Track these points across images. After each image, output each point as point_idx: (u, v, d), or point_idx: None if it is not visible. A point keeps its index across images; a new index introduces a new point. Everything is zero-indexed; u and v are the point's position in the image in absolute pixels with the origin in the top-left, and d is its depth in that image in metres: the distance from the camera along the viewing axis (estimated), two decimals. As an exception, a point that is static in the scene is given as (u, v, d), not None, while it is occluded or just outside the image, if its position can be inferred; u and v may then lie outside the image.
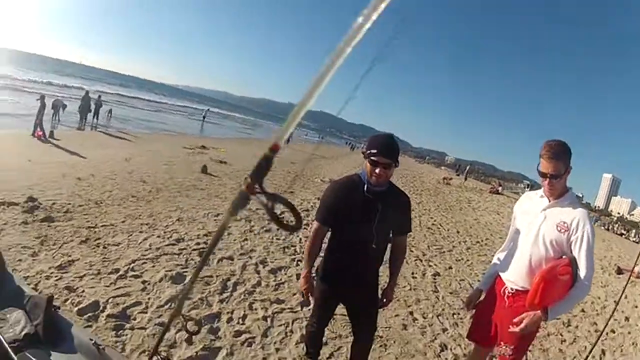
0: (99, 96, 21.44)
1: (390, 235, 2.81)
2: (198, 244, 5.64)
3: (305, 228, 6.61)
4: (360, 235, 2.62)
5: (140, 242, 5.24)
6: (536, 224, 2.58)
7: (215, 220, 6.97)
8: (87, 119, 19.51)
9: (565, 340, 5.12)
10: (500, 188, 35.09)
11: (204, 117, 44.27)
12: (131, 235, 5.44)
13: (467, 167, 48.89)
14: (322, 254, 2.89)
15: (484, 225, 14.59)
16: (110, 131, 19.27)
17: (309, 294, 2.85)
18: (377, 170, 2.54)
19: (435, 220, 12.53)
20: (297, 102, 0.69)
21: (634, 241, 42.86)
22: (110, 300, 3.64)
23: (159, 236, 5.61)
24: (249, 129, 57.12)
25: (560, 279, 2.40)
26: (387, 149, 2.56)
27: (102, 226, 5.54)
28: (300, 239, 6.83)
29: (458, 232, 11.65)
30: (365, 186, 2.60)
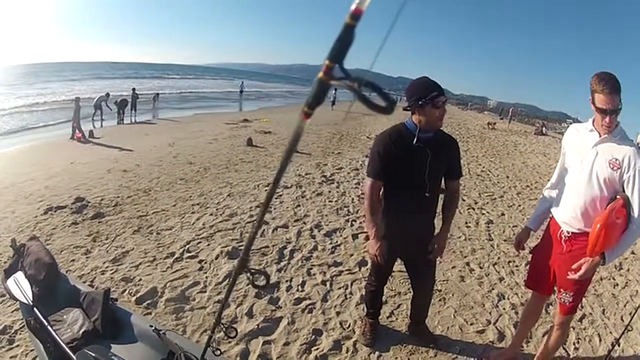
0: (134, 89, 21.73)
1: (442, 182, 2.77)
2: (251, 216, 5.65)
3: (355, 187, 6.41)
4: (413, 185, 2.61)
5: (194, 223, 5.26)
6: (588, 161, 2.44)
7: (265, 190, 6.84)
8: (125, 113, 19.81)
9: (617, 284, 4.81)
10: (544, 129, 33.79)
11: (241, 91, 43.48)
12: (183, 217, 5.46)
13: (510, 110, 47.47)
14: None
15: (532, 168, 14.04)
16: (151, 120, 19.65)
17: (382, 255, 2.74)
18: (441, 112, 2.54)
19: (484, 167, 12.23)
20: None
21: None
22: (167, 285, 3.65)
23: (211, 214, 5.61)
24: (289, 96, 56.83)
25: (617, 222, 2.32)
26: (440, 87, 2.53)
27: (153, 213, 5.59)
28: (352, 199, 6.79)
29: (507, 177, 11.32)
30: (416, 135, 2.56)
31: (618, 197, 2.37)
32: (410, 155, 2.58)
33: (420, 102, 2.50)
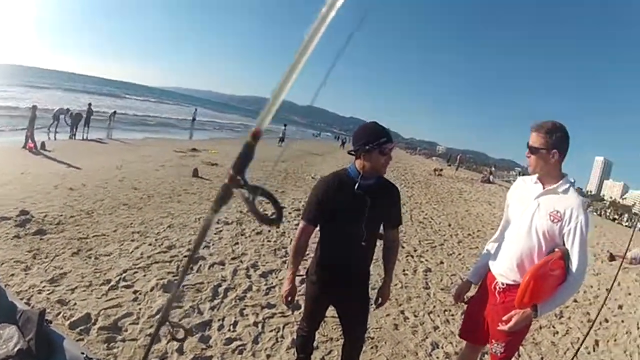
0: (90, 104, 21.35)
1: (381, 230, 2.76)
2: (189, 250, 5.57)
3: (295, 228, 6.58)
4: (350, 233, 2.58)
5: (132, 251, 5.25)
6: (529, 213, 2.49)
7: None
8: (78, 128, 19.43)
9: (557, 332, 5.11)
10: (491, 177, 34.85)
11: (193, 119, 43.95)
12: (122, 244, 5.44)
13: (458, 157, 48.73)
14: (312, 255, 2.86)
15: (476, 216, 14.59)
16: (103, 139, 19.24)
17: (292, 298, 2.73)
18: (387, 159, 2.54)
19: (426, 214, 12.53)
20: (272, 92, 0.68)
21: (626, 226, 42.88)
22: (101, 312, 3.66)
23: (150, 244, 5.62)
24: (240, 128, 56.84)
25: (552, 274, 2.35)
26: (389, 134, 2.54)
27: (93, 236, 5.55)
28: (292, 240, 6.74)
29: (449, 225, 11.64)
30: (358, 182, 2.55)
31: (557, 250, 2.39)
32: (350, 202, 2.55)
33: (367, 147, 2.49)
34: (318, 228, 2.70)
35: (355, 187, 2.53)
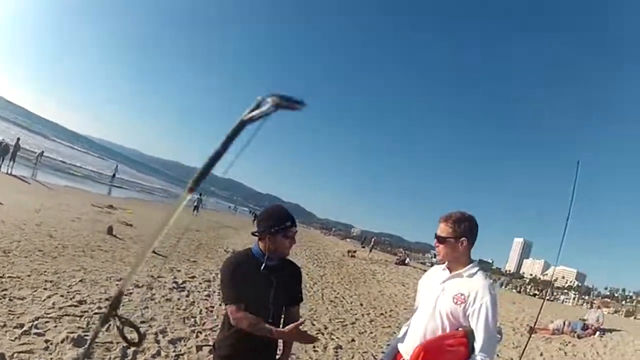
0: (18, 139, 20.73)
1: (284, 308, 2.78)
2: (100, 308, 5.62)
3: (205, 299, 6.74)
4: (257, 312, 2.54)
5: (44, 300, 5.27)
6: (434, 296, 2.58)
7: (117, 285, 6.87)
8: (4, 161, 18.79)
9: None
10: (406, 259, 35.31)
11: (113, 175, 43.56)
12: (36, 290, 5.47)
13: (373, 239, 49.35)
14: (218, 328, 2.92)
15: (389, 297, 14.80)
16: (26, 177, 18.59)
17: (302, 331, 2.60)
18: (290, 242, 2.63)
19: (338, 293, 12.68)
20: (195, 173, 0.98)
21: (548, 299, 44.56)
22: (15, 355, 3.76)
23: (62, 295, 5.64)
24: (158, 193, 56.20)
25: (449, 350, 2.40)
26: (294, 219, 2.65)
27: (8, 277, 5.57)
28: (201, 310, 6.93)
29: (362, 304, 11.81)
30: (264, 262, 2.58)
31: (460, 329, 2.45)
32: (256, 281, 2.57)
33: (272, 230, 2.56)
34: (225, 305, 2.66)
35: (262, 267, 2.58)
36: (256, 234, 2.66)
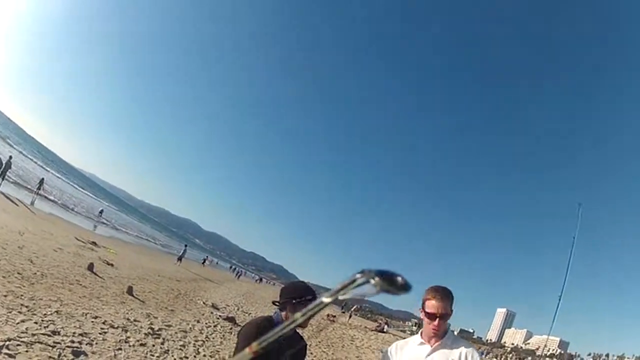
0: (10, 157, 20.75)
1: None
2: (73, 342, 5.45)
3: (180, 348, 6.46)
4: None
5: (18, 323, 5.09)
6: None
7: (92, 322, 6.70)
8: None
9: None
10: (386, 326, 35.61)
11: (100, 212, 44.01)
12: (11, 312, 5.29)
13: (353, 306, 49.58)
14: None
15: None
16: (11, 196, 18.48)
17: None
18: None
19: (315, 356, 12.60)
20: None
21: None
22: None
23: (36, 322, 5.44)
24: (144, 238, 55.99)
25: None
26: (315, 295, 2.68)
27: (-16, 293, 5.34)
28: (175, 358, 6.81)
29: None
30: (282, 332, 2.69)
31: None
32: (275, 350, 2.58)
33: (294, 302, 2.65)
34: None
35: (281, 337, 2.69)
36: (276, 303, 2.77)
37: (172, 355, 6.93)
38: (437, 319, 2.53)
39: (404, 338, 2.96)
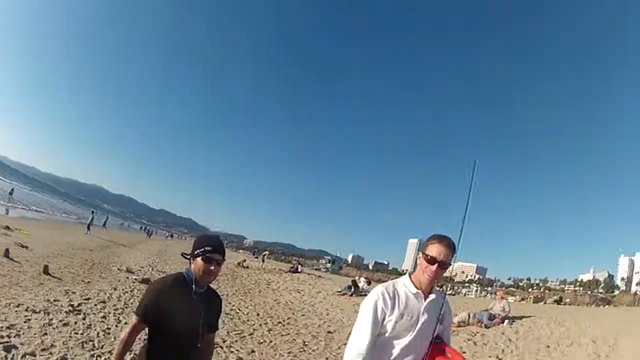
0: None
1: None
2: (2, 337, 5.58)
3: (101, 321, 7.15)
4: (187, 337, 2.59)
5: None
6: (430, 325, 2.52)
7: (16, 311, 6.80)
8: None
9: None
10: (299, 267, 35.93)
11: (11, 192, 42.86)
12: None
13: (265, 250, 50.18)
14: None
15: (285, 304, 14.95)
16: None
17: None
18: (211, 268, 2.63)
19: (233, 305, 12.79)
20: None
21: (449, 294, 46.82)
22: None
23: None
24: (52, 211, 54.33)
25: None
26: (221, 246, 2.70)
27: None
28: (98, 333, 6.80)
29: (258, 314, 11.91)
30: (194, 287, 2.62)
31: (438, 341, 2.55)
32: (187, 307, 2.58)
33: (195, 253, 2.65)
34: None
35: (193, 293, 2.62)
36: (185, 256, 2.78)
37: (95, 329, 6.96)
38: (436, 265, 2.50)
39: (319, 277, 3.07)
